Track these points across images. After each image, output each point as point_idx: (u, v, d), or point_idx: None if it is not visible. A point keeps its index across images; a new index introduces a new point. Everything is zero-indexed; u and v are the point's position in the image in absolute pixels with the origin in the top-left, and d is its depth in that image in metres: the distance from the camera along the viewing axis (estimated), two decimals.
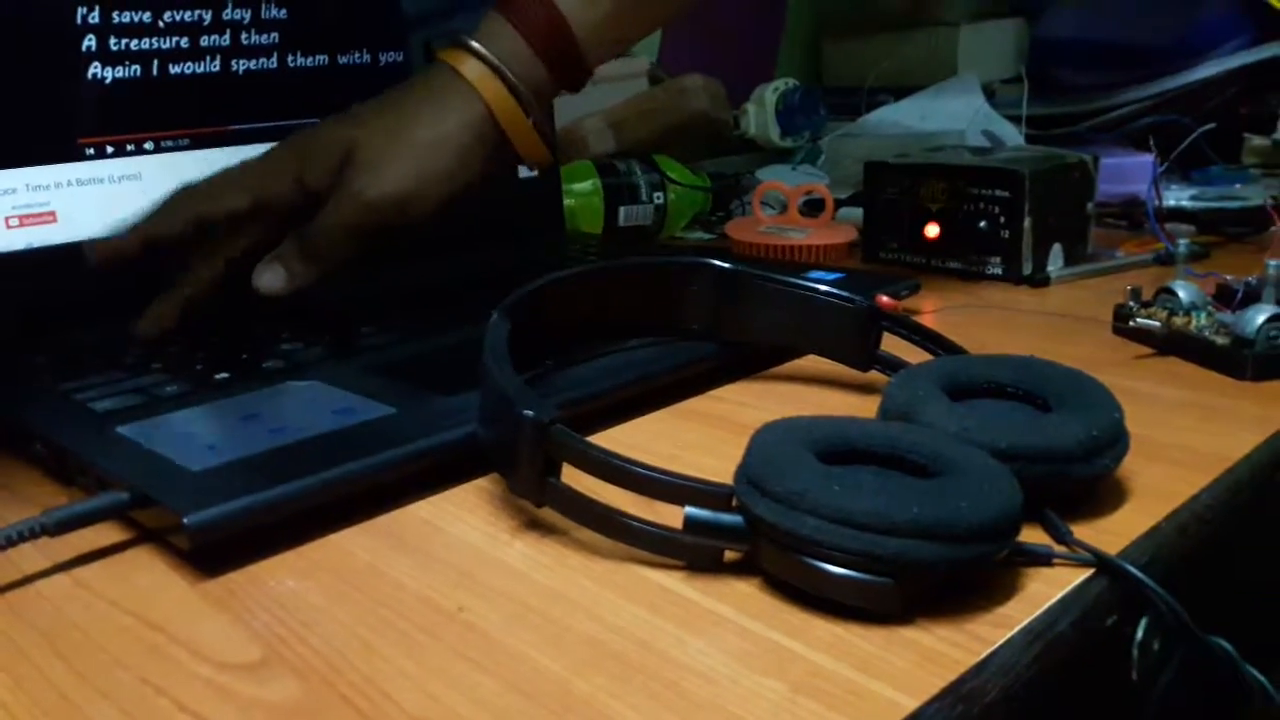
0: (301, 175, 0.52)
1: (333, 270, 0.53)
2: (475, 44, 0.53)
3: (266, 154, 0.54)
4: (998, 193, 0.65)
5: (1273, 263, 0.47)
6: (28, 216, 0.54)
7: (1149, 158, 0.81)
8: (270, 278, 0.52)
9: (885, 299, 0.55)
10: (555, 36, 0.54)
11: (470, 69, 0.53)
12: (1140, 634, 0.31)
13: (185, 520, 0.32)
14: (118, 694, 0.27)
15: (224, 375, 0.45)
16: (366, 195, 0.51)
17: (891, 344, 0.45)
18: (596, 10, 0.54)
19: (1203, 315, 0.49)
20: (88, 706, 0.26)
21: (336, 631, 0.29)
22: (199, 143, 0.58)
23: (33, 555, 0.34)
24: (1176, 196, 0.82)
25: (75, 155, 0.55)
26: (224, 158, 0.59)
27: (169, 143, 0.58)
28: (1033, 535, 0.32)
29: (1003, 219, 0.65)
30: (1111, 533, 0.33)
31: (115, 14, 0.55)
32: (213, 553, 0.33)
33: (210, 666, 0.28)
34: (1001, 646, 0.27)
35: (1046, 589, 0.30)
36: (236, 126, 0.60)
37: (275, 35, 0.61)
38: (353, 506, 0.36)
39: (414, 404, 0.41)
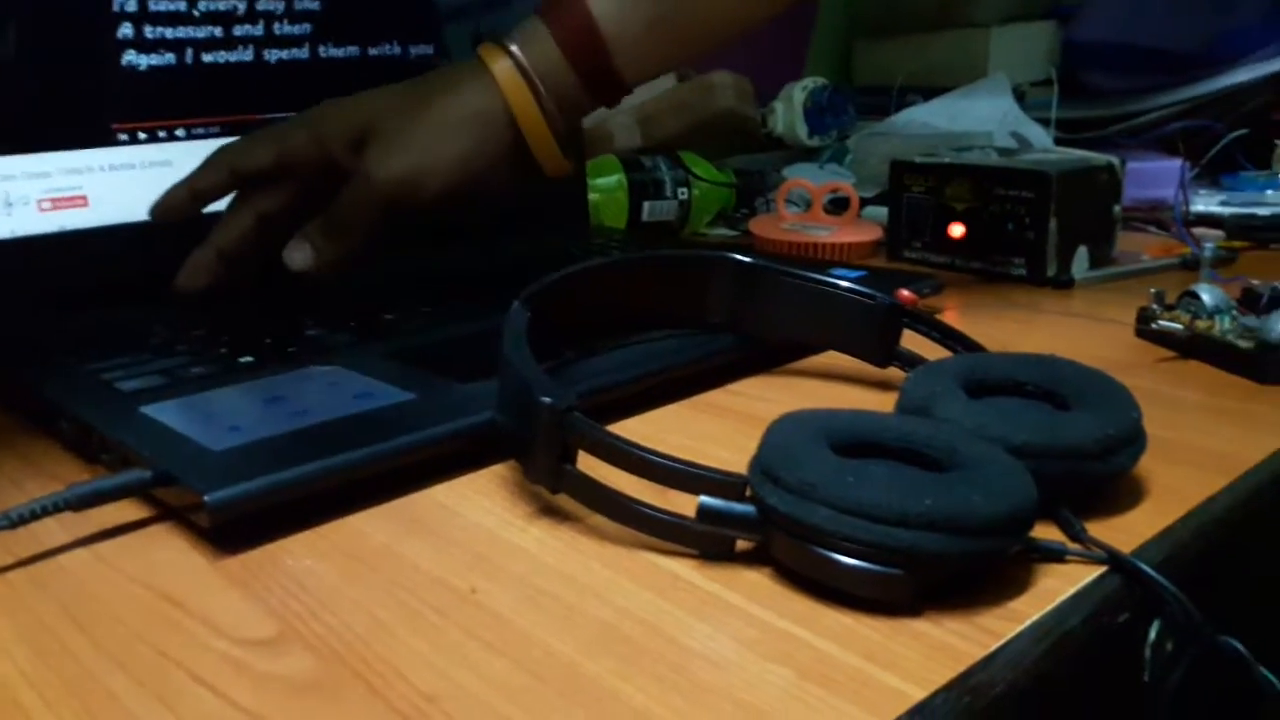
0: (324, 142, 0.53)
1: (356, 248, 0.53)
2: (510, 44, 0.53)
3: (297, 117, 0.55)
4: (1023, 194, 0.64)
5: None
6: (60, 200, 0.55)
7: (1177, 162, 0.80)
8: (299, 255, 0.53)
9: (905, 293, 0.55)
10: (589, 46, 0.53)
11: (499, 66, 0.53)
12: (1153, 634, 0.31)
13: (206, 498, 0.32)
14: (134, 665, 0.27)
15: (248, 359, 0.46)
16: (378, 172, 0.52)
17: (911, 341, 0.45)
18: (633, 24, 0.54)
19: (1226, 319, 0.49)
20: (105, 677, 0.27)
21: (351, 610, 0.30)
22: (229, 130, 0.59)
23: (55, 530, 0.35)
24: (1206, 202, 0.81)
25: (108, 140, 0.56)
26: None
27: (199, 130, 0.59)
28: (1047, 532, 0.32)
29: (1028, 220, 0.64)
30: (1126, 531, 0.33)
31: (151, 2, 0.56)
32: (232, 531, 0.33)
33: (226, 641, 0.28)
34: (1011, 640, 0.27)
35: (1059, 585, 0.30)
36: (267, 115, 0.61)
37: (307, 26, 0.62)
38: (371, 489, 0.36)
39: (433, 390, 0.42)
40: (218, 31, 0.59)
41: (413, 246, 0.65)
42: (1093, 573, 0.30)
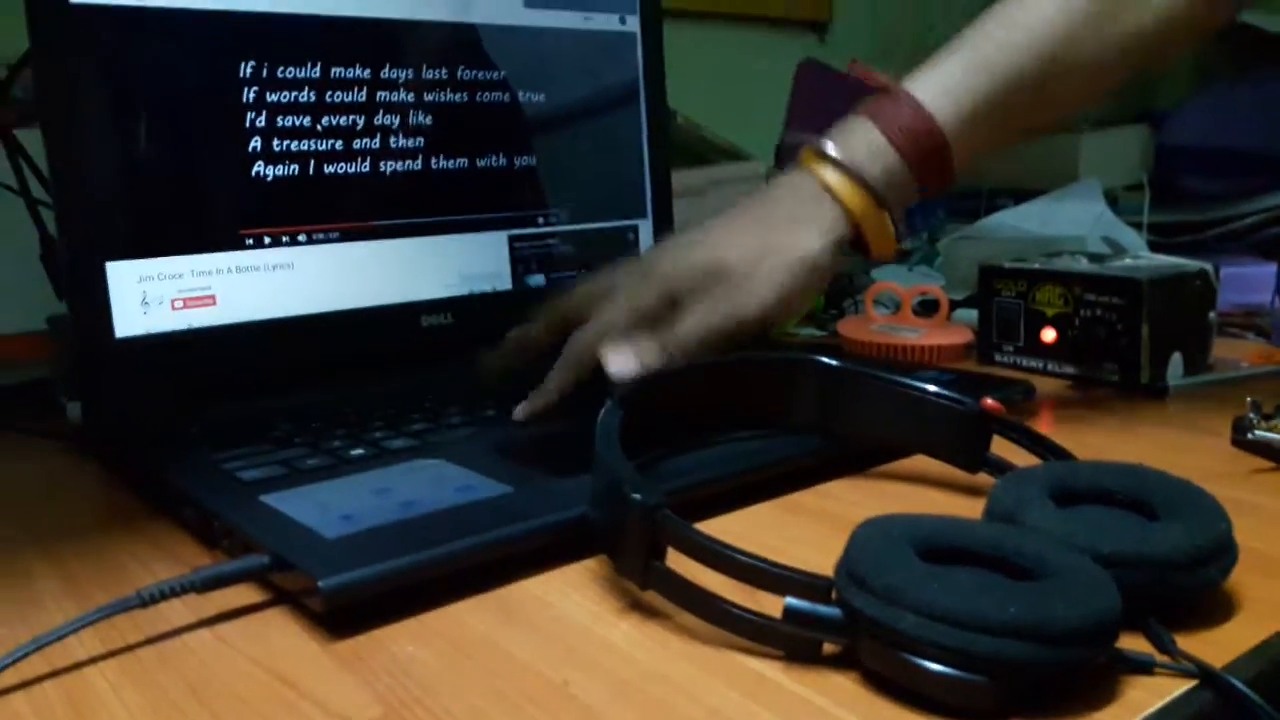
0: (671, 292, 0.54)
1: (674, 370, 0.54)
2: (832, 148, 0.54)
3: (636, 275, 0.56)
4: (1115, 300, 0.64)
5: None
6: (191, 299, 0.59)
7: (1274, 266, 0.79)
8: (622, 362, 0.53)
9: (990, 402, 0.55)
10: (919, 133, 0.54)
11: (830, 175, 0.54)
12: None
13: (320, 584, 0.34)
14: None
15: (359, 451, 0.49)
16: (742, 312, 0.53)
17: (1000, 447, 0.45)
18: (961, 106, 0.54)
19: None
20: None
21: (451, 697, 0.31)
22: (347, 236, 0.63)
23: (181, 610, 0.37)
24: None
25: (236, 244, 0.60)
26: (368, 251, 0.63)
27: (320, 235, 0.63)
28: (1136, 644, 0.32)
29: (1120, 326, 0.64)
30: (1217, 645, 0.32)
31: (279, 118, 0.61)
32: (343, 616, 0.35)
33: None
34: None
35: (1147, 698, 0.30)
36: (382, 222, 0.65)
37: (420, 139, 0.66)
38: (471, 579, 0.38)
39: (530, 484, 0.43)
40: (339, 145, 0.63)
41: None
42: (1182, 686, 0.30)
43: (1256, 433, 0.50)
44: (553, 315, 0.58)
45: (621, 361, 0.52)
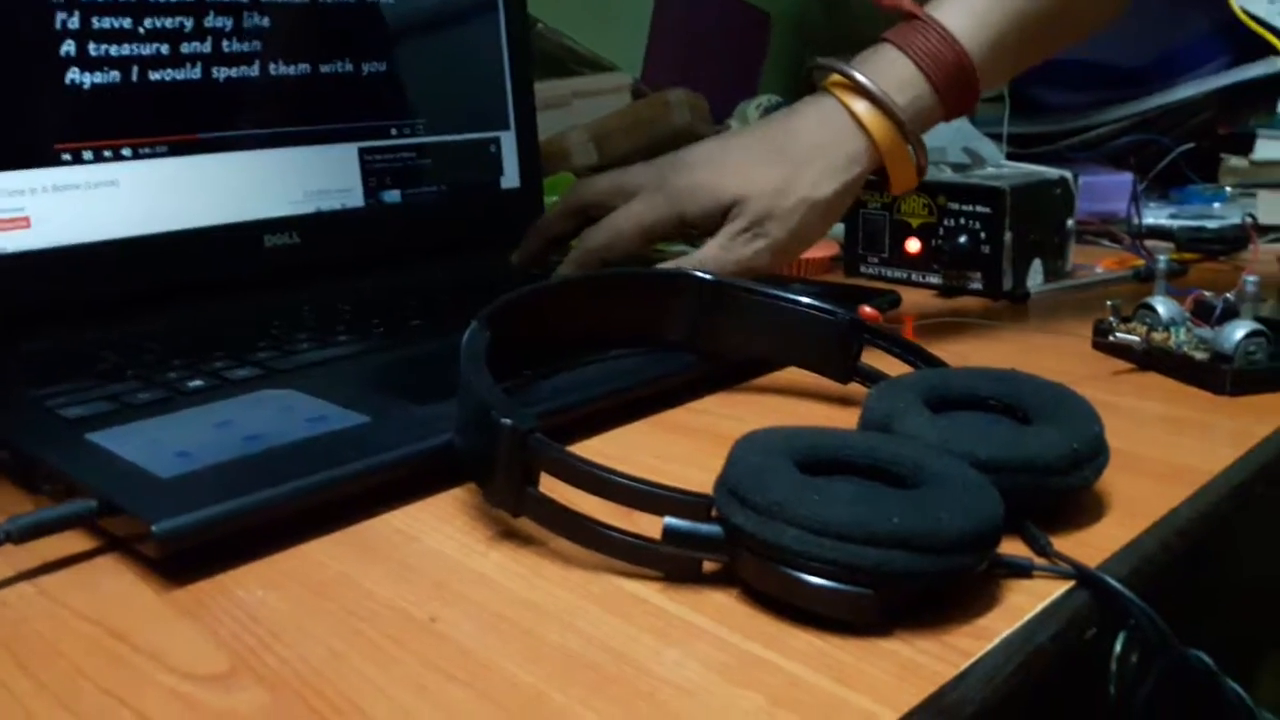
0: (684, 217, 0.55)
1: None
2: (862, 77, 0.52)
3: (652, 188, 0.56)
4: (979, 208, 0.65)
5: (1250, 279, 0.47)
6: (2, 221, 0.53)
7: (1129, 176, 0.82)
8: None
9: (868, 310, 0.55)
10: (950, 66, 0.52)
11: (860, 107, 0.52)
12: (1118, 647, 0.31)
13: (154, 528, 0.31)
14: (80, 705, 0.26)
15: (198, 383, 0.45)
16: (754, 257, 0.53)
17: (871, 357, 0.45)
18: (990, 37, 0.53)
19: (1181, 331, 0.50)
20: (48, 717, 0.26)
21: (306, 641, 0.29)
22: (177, 150, 0.58)
23: None
24: (1155, 215, 0.82)
25: (51, 160, 0.54)
26: (202, 165, 0.58)
27: (147, 150, 0.57)
28: (1013, 547, 0.32)
29: (983, 235, 0.65)
30: (1092, 546, 0.33)
31: (95, 19, 0.55)
32: (181, 562, 0.32)
33: (176, 676, 0.27)
34: (981, 659, 0.27)
35: (1026, 601, 0.30)
36: (217, 134, 0.59)
37: (257, 43, 0.61)
38: (325, 516, 0.35)
39: (389, 413, 0.41)
40: (164, 49, 0.58)
41: (362, 261, 0.64)
42: (1060, 588, 0.30)
43: (1117, 335, 0.51)
44: (570, 203, 0.61)
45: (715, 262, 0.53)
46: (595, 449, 0.42)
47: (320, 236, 0.63)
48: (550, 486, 0.32)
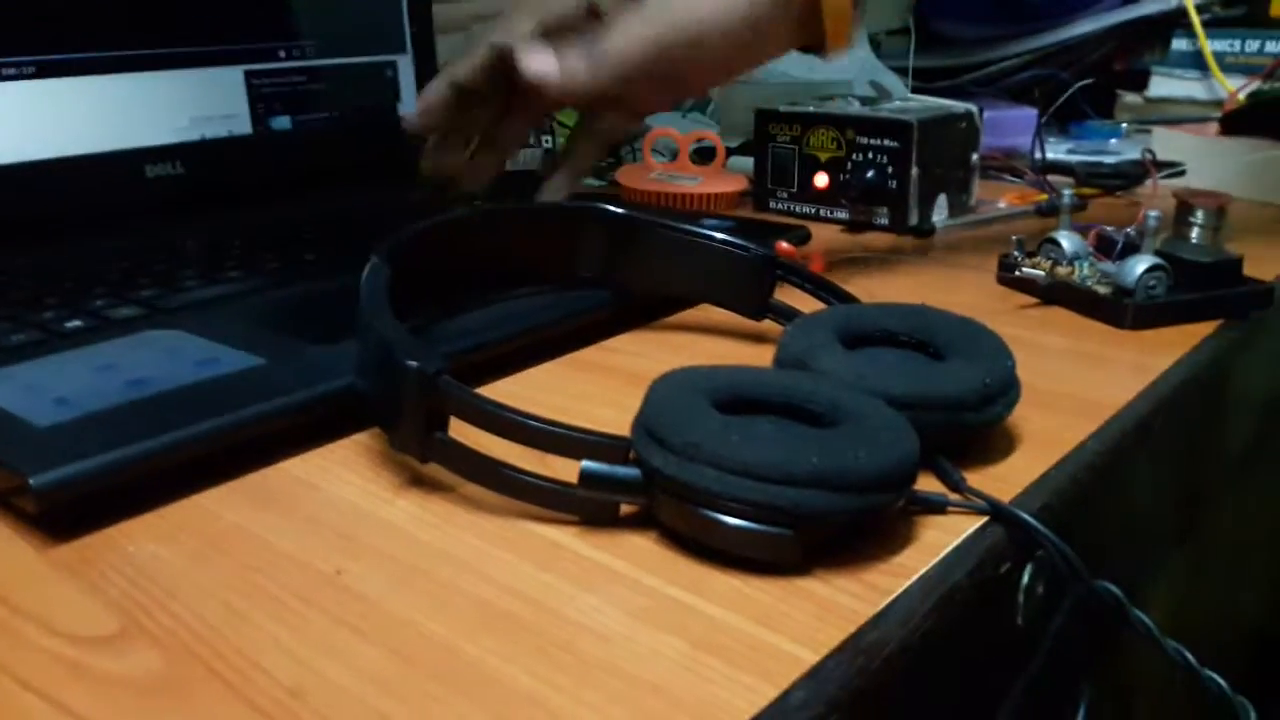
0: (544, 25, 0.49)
1: (604, 89, 0.48)
2: None
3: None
4: (886, 142, 0.65)
5: (1152, 214, 0.48)
6: None
7: (1032, 111, 0.82)
8: (542, 62, 0.47)
9: (784, 245, 0.54)
10: None
11: None
12: (1026, 579, 0.32)
13: (31, 481, 0.29)
14: None
15: (76, 323, 0.42)
16: (679, 31, 0.46)
17: (783, 293, 0.44)
18: None
19: (1085, 265, 0.50)
20: None
21: (202, 599, 0.27)
22: (45, 71, 0.53)
23: None
24: (1054, 150, 0.83)
25: None
26: (73, 88, 0.54)
27: (10, 70, 0.53)
28: (927, 483, 0.32)
29: (891, 169, 0.65)
30: (1004, 480, 0.33)
31: None
32: (63, 516, 0.30)
33: (60, 640, 0.26)
34: (899, 597, 0.27)
35: (941, 537, 0.30)
36: (89, 55, 0.55)
37: None
38: (219, 464, 0.33)
39: (285, 355, 0.39)
40: None
41: (252, 193, 0.61)
42: (974, 523, 0.31)
43: (1022, 270, 0.51)
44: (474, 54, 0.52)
45: (541, 62, 0.47)
46: (505, 390, 0.41)
47: (206, 166, 0.59)
48: (460, 430, 0.31)
